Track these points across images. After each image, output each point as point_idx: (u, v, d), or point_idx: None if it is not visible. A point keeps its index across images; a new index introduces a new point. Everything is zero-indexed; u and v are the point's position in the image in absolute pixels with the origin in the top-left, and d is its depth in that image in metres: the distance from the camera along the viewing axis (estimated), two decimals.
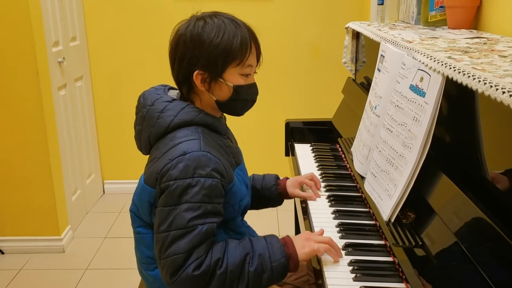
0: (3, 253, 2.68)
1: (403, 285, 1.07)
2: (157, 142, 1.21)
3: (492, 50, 1.18)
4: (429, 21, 1.74)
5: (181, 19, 1.24)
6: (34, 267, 2.57)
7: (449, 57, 1.09)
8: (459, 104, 1.20)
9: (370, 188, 1.36)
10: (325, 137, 2.08)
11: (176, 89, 1.30)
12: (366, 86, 1.92)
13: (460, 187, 1.04)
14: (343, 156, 1.82)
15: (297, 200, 1.62)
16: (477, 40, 1.35)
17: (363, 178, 1.47)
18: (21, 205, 2.63)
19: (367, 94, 1.57)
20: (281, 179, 1.55)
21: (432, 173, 1.16)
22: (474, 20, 1.61)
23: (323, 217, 1.39)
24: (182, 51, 1.19)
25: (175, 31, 1.23)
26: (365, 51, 2.03)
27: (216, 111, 1.26)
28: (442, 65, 1.06)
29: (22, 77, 2.45)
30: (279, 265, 1.13)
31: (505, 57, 1.08)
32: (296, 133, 2.13)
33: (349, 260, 1.16)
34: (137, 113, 1.26)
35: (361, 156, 1.50)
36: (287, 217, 2.92)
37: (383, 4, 1.99)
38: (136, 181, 1.27)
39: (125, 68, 3.23)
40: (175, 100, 1.22)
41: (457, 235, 0.99)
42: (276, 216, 3.01)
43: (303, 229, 1.37)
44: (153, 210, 1.19)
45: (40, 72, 2.47)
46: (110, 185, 3.45)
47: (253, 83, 1.25)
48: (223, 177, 1.15)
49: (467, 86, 0.93)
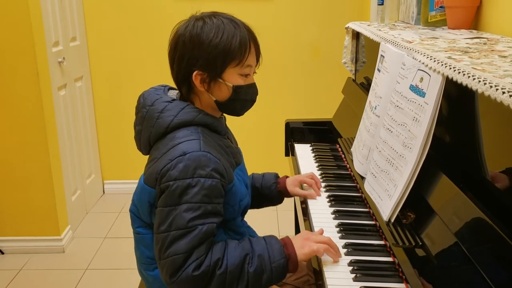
0: (3, 253, 2.68)
1: (403, 285, 1.07)
2: (157, 142, 1.21)
3: (492, 50, 1.18)
4: (429, 21, 1.74)
5: (181, 19, 1.24)
6: (34, 267, 2.57)
7: (449, 57, 1.09)
8: (459, 104, 1.20)
9: (370, 188, 1.36)
10: (325, 137, 2.08)
11: (176, 89, 1.29)
12: (366, 86, 1.92)
13: (460, 187, 1.04)
14: (343, 156, 1.82)
15: (297, 200, 1.62)
16: (477, 40, 1.35)
17: (363, 178, 1.47)
18: (21, 205, 2.63)
19: (367, 94, 1.57)
20: (280, 177, 1.55)
21: (432, 173, 1.16)
22: (474, 20, 1.61)
23: (323, 217, 1.39)
24: (181, 51, 1.19)
25: (174, 32, 1.22)
26: (365, 51, 2.03)
27: (216, 111, 1.26)
28: (442, 65, 1.06)
29: (22, 77, 2.45)
30: (278, 266, 1.13)
31: (505, 57, 1.08)
32: (296, 133, 2.13)
33: (349, 260, 1.16)
34: (137, 113, 1.26)
35: (361, 156, 1.50)
36: (287, 217, 2.92)
37: (383, 4, 1.99)
38: (136, 181, 1.27)
39: (125, 68, 3.23)
40: (175, 100, 1.22)
41: (457, 235, 0.99)
42: (276, 216, 3.01)
43: (303, 229, 1.37)
44: (153, 210, 1.18)
45: (40, 72, 2.47)
46: (110, 185, 3.45)
47: (252, 83, 1.25)
48: (223, 177, 1.15)
49: (467, 86, 0.93)
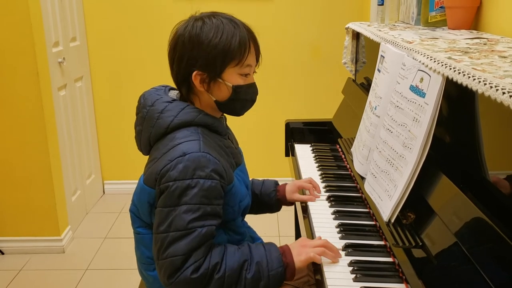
0: (3, 253, 2.68)
1: (403, 285, 1.07)
2: (157, 142, 1.21)
3: (492, 50, 1.18)
4: (429, 21, 1.74)
5: (181, 19, 1.24)
6: (34, 268, 2.57)
7: (449, 58, 1.09)
8: (459, 104, 1.20)
9: (370, 188, 1.36)
10: (325, 137, 2.08)
11: (177, 90, 1.29)
12: (366, 86, 1.92)
13: (460, 187, 1.04)
14: (343, 156, 1.82)
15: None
16: (477, 40, 1.35)
17: (363, 178, 1.46)
18: (21, 205, 2.63)
19: (367, 94, 1.57)
20: (280, 185, 1.54)
21: (432, 173, 1.16)
22: (474, 20, 1.61)
23: (323, 217, 1.39)
24: (180, 51, 1.19)
25: (174, 32, 1.22)
26: (365, 52, 2.03)
27: (216, 112, 1.25)
28: (442, 65, 1.06)
29: (22, 78, 2.45)
30: (276, 274, 1.13)
31: (505, 57, 1.08)
32: (296, 133, 2.13)
33: (349, 260, 1.16)
34: (137, 114, 1.26)
35: (361, 156, 1.50)
36: (287, 218, 2.91)
37: (383, 4, 1.99)
38: (136, 181, 1.27)
39: (125, 68, 3.23)
40: (175, 100, 1.22)
41: (457, 236, 0.99)
42: (276, 216, 3.01)
43: (303, 230, 1.37)
44: (152, 210, 1.18)
45: (40, 72, 2.47)
46: (110, 185, 3.45)
47: (252, 83, 1.24)
48: (222, 178, 1.15)
49: (467, 86, 0.93)
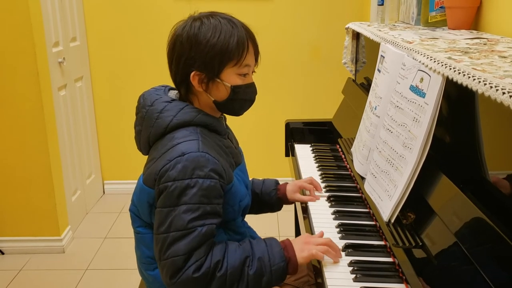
0: (3, 253, 2.68)
1: (403, 285, 1.07)
2: (156, 142, 1.21)
3: (492, 50, 1.18)
4: (429, 21, 1.74)
5: (181, 19, 1.24)
6: (34, 268, 2.57)
7: (449, 58, 1.09)
8: (459, 104, 1.20)
9: (370, 188, 1.36)
10: (325, 137, 2.08)
11: (176, 90, 1.29)
12: (366, 86, 1.92)
13: (460, 187, 1.04)
14: (343, 156, 1.82)
15: None
16: (477, 40, 1.35)
17: (363, 178, 1.46)
18: (21, 205, 2.63)
19: (367, 94, 1.57)
20: (280, 184, 1.54)
21: (432, 173, 1.16)
22: (474, 20, 1.61)
23: (323, 217, 1.39)
24: (179, 51, 1.19)
25: (173, 32, 1.22)
26: (365, 52, 2.03)
27: (215, 111, 1.25)
28: (442, 65, 1.06)
29: (22, 78, 2.45)
30: (278, 269, 1.13)
31: (505, 57, 1.08)
32: (296, 133, 2.13)
33: (349, 260, 1.16)
34: (137, 114, 1.26)
35: (361, 156, 1.50)
36: (287, 218, 2.91)
37: (383, 4, 1.99)
38: (136, 181, 1.27)
39: (125, 68, 3.23)
40: (174, 100, 1.22)
41: (457, 236, 0.99)
42: (276, 216, 3.01)
43: (303, 230, 1.37)
44: (152, 210, 1.18)
45: (40, 72, 2.47)
46: (110, 185, 3.45)
47: (251, 83, 1.24)
48: (221, 177, 1.15)
49: (467, 86, 0.93)
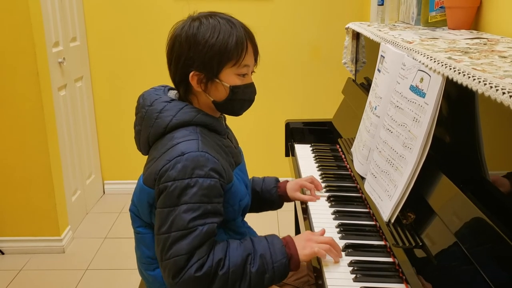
0: (3, 253, 2.68)
1: (403, 285, 1.07)
2: (156, 142, 1.21)
3: (492, 50, 1.18)
4: (429, 21, 1.74)
5: (181, 19, 1.24)
6: (34, 268, 2.57)
7: (449, 58, 1.09)
8: (459, 104, 1.20)
9: (370, 188, 1.36)
10: (325, 137, 2.08)
11: (176, 90, 1.29)
12: (366, 86, 1.92)
13: (460, 187, 1.04)
14: (343, 156, 1.82)
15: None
16: (477, 40, 1.35)
17: (363, 178, 1.46)
18: (21, 205, 2.63)
19: (367, 94, 1.57)
20: (281, 181, 1.54)
21: (432, 173, 1.16)
22: (474, 20, 1.61)
23: (323, 217, 1.39)
24: (177, 52, 1.19)
25: (172, 32, 1.22)
26: (365, 52, 2.03)
27: (214, 111, 1.25)
28: (442, 65, 1.06)
29: (22, 78, 2.45)
30: (280, 266, 1.13)
31: (505, 57, 1.08)
32: (296, 133, 2.13)
33: (349, 260, 1.16)
34: (136, 114, 1.26)
35: (361, 156, 1.50)
36: (287, 218, 2.92)
37: (383, 4, 1.99)
38: (136, 181, 1.27)
39: (125, 68, 3.23)
40: (174, 100, 1.22)
41: (457, 236, 0.99)
42: (276, 216, 3.01)
43: (303, 230, 1.37)
44: (152, 210, 1.18)
45: (40, 72, 2.47)
46: (110, 185, 3.45)
47: (250, 83, 1.24)
48: (221, 177, 1.15)
49: (467, 87, 0.93)
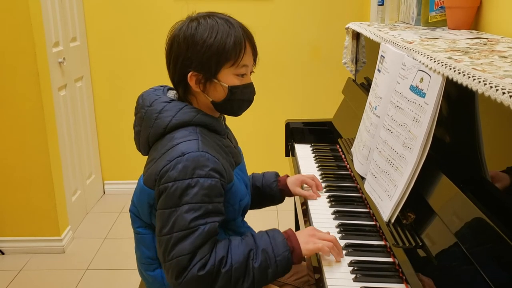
0: (3, 253, 2.68)
1: (403, 285, 1.07)
2: (156, 143, 1.21)
3: (492, 50, 1.18)
4: (429, 21, 1.74)
5: (181, 19, 1.24)
6: (34, 268, 2.57)
7: (449, 58, 1.09)
8: (459, 104, 1.20)
9: (370, 188, 1.36)
10: (325, 137, 2.08)
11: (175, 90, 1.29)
12: (366, 86, 1.92)
13: (460, 187, 1.04)
14: (343, 156, 1.82)
15: (297, 200, 1.62)
16: (477, 40, 1.35)
17: (363, 178, 1.47)
18: (21, 205, 2.63)
19: (367, 94, 1.57)
20: (281, 176, 1.55)
21: (432, 173, 1.16)
22: (474, 20, 1.61)
23: (323, 217, 1.39)
24: (176, 52, 1.19)
25: (170, 33, 1.22)
26: (365, 52, 2.03)
27: (213, 111, 1.25)
28: (442, 65, 1.06)
29: (22, 78, 2.45)
30: (283, 259, 1.13)
31: (505, 57, 1.08)
32: (296, 133, 2.13)
33: (349, 260, 1.16)
34: (136, 114, 1.26)
35: (361, 156, 1.50)
36: (287, 218, 2.92)
37: (383, 4, 1.99)
38: (136, 181, 1.27)
39: (125, 68, 3.23)
40: (173, 100, 1.22)
41: (457, 236, 0.99)
42: (276, 217, 3.01)
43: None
44: (152, 211, 1.18)
45: (40, 72, 2.47)
46: (110, 185, 3.45)
47: (249, 83, 1.24)
48: (222, 176, 1.15)
49: (467, 86, 0.93)
